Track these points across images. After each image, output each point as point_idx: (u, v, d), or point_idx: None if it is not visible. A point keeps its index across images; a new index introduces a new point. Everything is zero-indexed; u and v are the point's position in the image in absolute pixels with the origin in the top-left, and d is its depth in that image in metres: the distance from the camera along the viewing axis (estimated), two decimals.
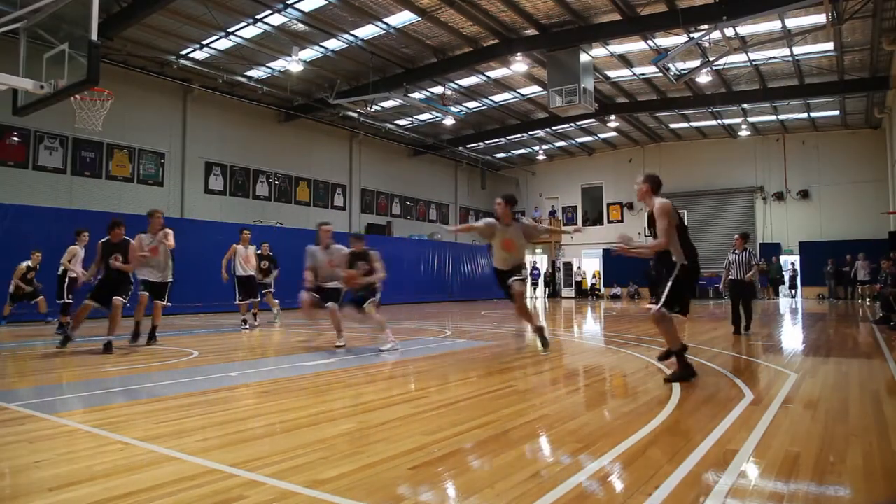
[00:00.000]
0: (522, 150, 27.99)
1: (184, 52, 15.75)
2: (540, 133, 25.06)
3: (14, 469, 2.69)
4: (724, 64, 15.95)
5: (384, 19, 14.24)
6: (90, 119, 10.52)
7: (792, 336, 9.60)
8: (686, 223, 5.22)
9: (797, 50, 15.82)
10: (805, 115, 21.78)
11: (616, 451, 2.94)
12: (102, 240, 7.29)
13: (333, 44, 15.50)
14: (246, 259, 10.30)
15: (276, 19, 14.02)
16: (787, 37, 14.42)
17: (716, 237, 25.16)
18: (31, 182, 14.27)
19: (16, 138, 14.14)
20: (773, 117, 22.42)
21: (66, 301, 9.54)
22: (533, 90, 19.50)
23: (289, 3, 13.23)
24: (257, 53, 15.93)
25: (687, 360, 4.90)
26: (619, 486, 2.50)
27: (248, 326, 10.28)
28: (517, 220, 6.91)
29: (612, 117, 21.92)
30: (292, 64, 15.54)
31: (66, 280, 9.60)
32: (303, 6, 13.43)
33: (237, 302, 10.49)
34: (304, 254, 7.62)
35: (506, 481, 2.51)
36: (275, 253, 11.96)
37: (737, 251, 9.26)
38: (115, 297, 7.00)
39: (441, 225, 7.56)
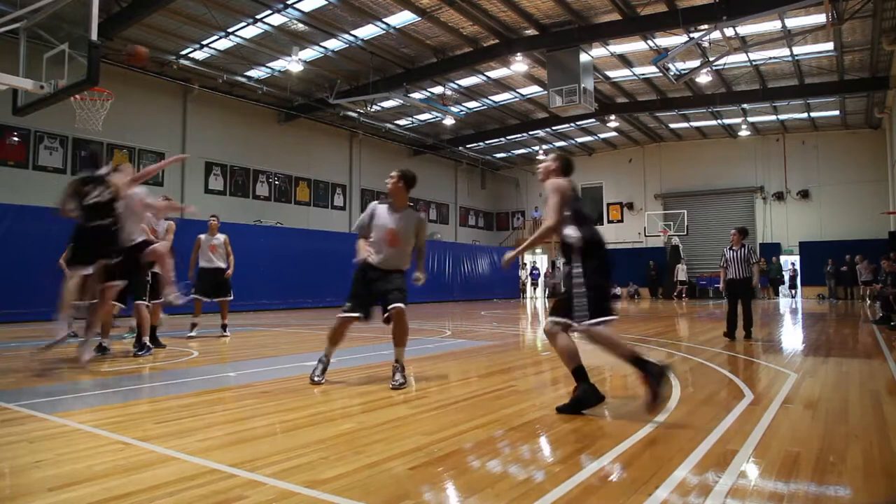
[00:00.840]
0: (522, 150, 27.99)
1: (184, 52, 15.76)
2: (540, 133, 25.07)
3: (14, 469, 2.69)
4: (724, 64, 15.96)
5: (384, 19, 14.24)
6: (90, 119, 10.51)
7: (792, 336, 9.60)
8: (583, 210, 4.02)
9: (797, 50, 15.83)
10: (805, 115, 21.78)
11: (616, 451, 2.94)
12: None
13: (333, 44, 15.50)
14: (213, 248, 8.68)
15: (276, 19, 14.03)
16: (787, 37, 14.42)
17: (716, 237, 25.20)
18: (31, 182, 14.27)
19: (16, 138, 14.14)
20: (773, 117, 22.43)
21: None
22: (533, 90, 19.50)
23: (289, 3, 13.24)
24: (257, 53, 15.94)
25: (648, 366, 3.52)
26: (619, 486, 2.50)
27: (193, 332, 8.36)
28: (415, 209, 5.19)
29: (612, 117, 21.93)
30: (292, 64, 15.55)
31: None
32: (303, 6, 13.43)
33: (192, 295, 8.47)
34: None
35: (506, 481, 2.51)
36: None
37: (734, 248, 8.54)
38: (137, 302, 6.52)
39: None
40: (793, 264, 24.40)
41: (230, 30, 14.51)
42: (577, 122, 23.05)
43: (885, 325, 10.26)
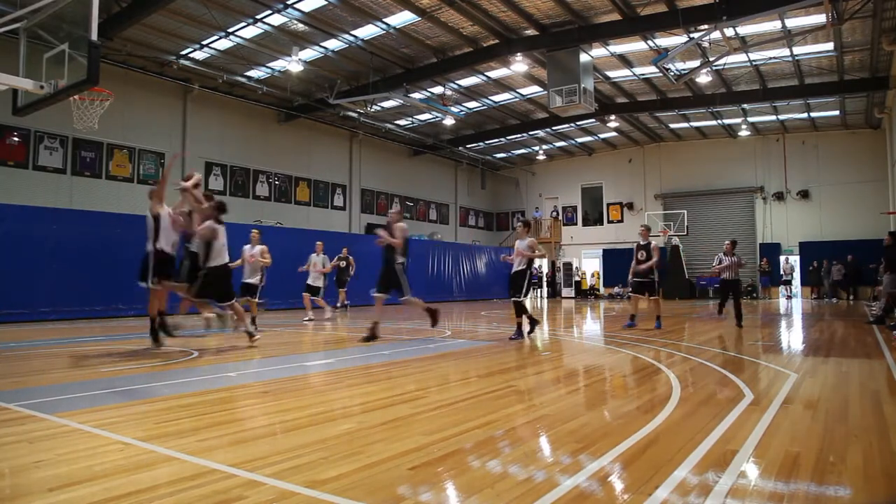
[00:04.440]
0: (522, 150, 27.99)
1: (184, 52, 15.75)
2: (540, 133, 25.07)
3: (14, 469, 2.69)
4: (724, 64, 15.95)
5: (384, 19, 14.24)
6: (87, 118, 10.47)
7: (792, 336, 9.60)
8: None
9: (797, 50, 15.82)
10: (805, 115, 21.78)
11: (616, 451, 2.94)
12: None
13: (333, 44, 15.50)
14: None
15: (276, 19, 14.02)
16: (787, 37, 14.41)
17: (716, 237, 25.18)
18: (31, 182, 14.27)
19: (16, 138, 14.14)
20: (773, 117, 22.42)
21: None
22: (533, 90, 19.49)
23: (289, 3, 13.23)
24: (257, 53, 15.93)
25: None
26: (619, 486, 2.50)
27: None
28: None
29: (612, 117, 21.92)
30: (292, 64, 15.54)
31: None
32: (303, 6, 13.43)
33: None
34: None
35: (506, 481, 2.51)
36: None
37: (727, 254, 10.68)
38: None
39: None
40: (792, 264, 24.39)
41: (230, 30, 14.50)
42: (577, 122, 23.04)
43: (882, 324, 10.26)
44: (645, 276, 10.55)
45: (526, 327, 8.62)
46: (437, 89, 18.86)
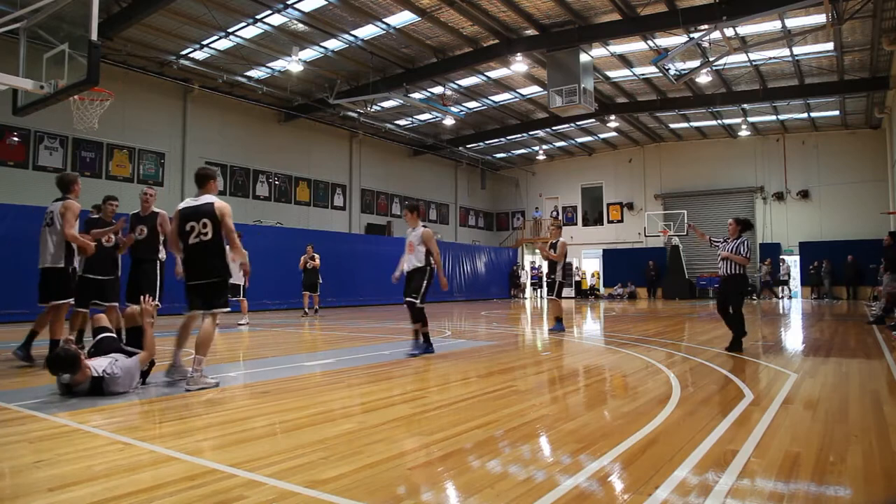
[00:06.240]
0: (522, 150, 27.99)
1: (184, 52, 15.75)
2: (540, 133, 25.06)
3: (14, 469, 2.69)
4: (724, 64, 15.95)
5: (384, 19, 14.23)
6: (87, 118, 10.47)
7: (792, 336, 9.60)
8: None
9: (797, 50, 15.82)
10: (805, 115, 21.78)
11: (616, 451, 2.94)
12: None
13: (333, 44, 15.50)
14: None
15: (276, 19, 14.02)
16: (787, 37, 14.42)
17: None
18: (31, 182, 14.27)
19: (16, 138, 14.14)
20: (773, 117, 22.42)
21: None
22: (533, 90, 19.49)
23: (289, 3, 13.23)
24: (257, 53, 15.93)
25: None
26: (619, 486, 2.50)
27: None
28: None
29: (612, 117, 21.92)
30: (292, 64, 15.54)
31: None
32: (303, 6, 13.43)
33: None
34: None
35: (506, 481, 2.51)
36: None
37: (728, 239, 7.11)
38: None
39: None
40: (789, 264, 24.38)
41: (230, 30, 14.50)
42: (577, 122, 23.04)
43: (882, 324, 10.25)
44: (547, 276, 10.24)
45: (419, 339, 6.86)
46: (437, 89, 18.86)
